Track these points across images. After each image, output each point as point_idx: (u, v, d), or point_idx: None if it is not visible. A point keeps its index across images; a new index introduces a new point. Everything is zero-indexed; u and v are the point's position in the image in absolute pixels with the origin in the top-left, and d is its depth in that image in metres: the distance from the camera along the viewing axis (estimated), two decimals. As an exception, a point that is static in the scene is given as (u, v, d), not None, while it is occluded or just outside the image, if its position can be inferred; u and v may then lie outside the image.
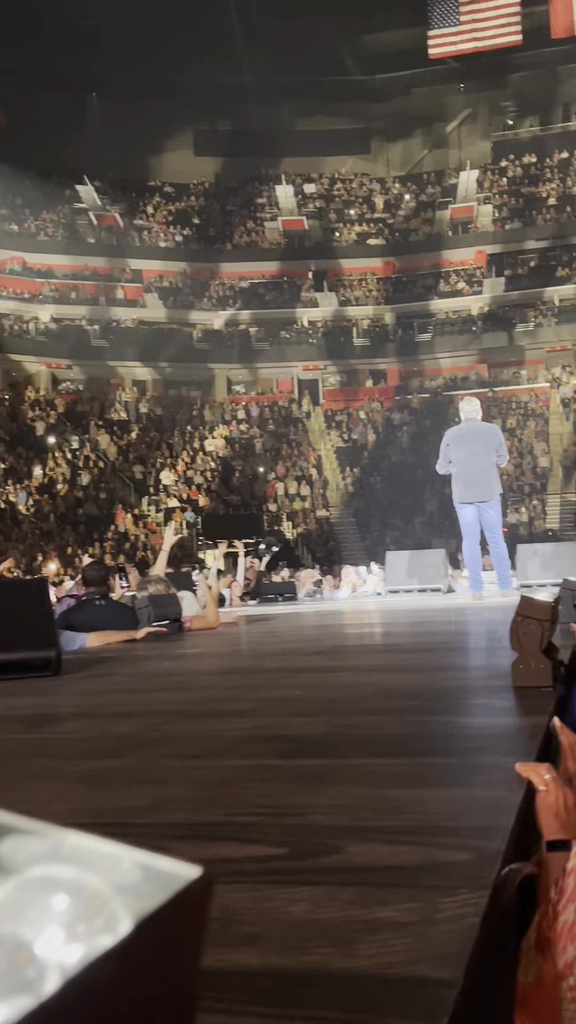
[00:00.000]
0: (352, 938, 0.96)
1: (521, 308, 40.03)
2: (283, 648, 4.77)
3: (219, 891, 1.11)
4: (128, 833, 1.38)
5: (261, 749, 1.96)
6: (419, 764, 1.75)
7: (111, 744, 2.15)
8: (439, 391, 39.02)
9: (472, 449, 9.29)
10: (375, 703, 2.58)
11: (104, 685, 3.41)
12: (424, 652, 4.07)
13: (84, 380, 39.80)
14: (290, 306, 42.02)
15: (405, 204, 44.98)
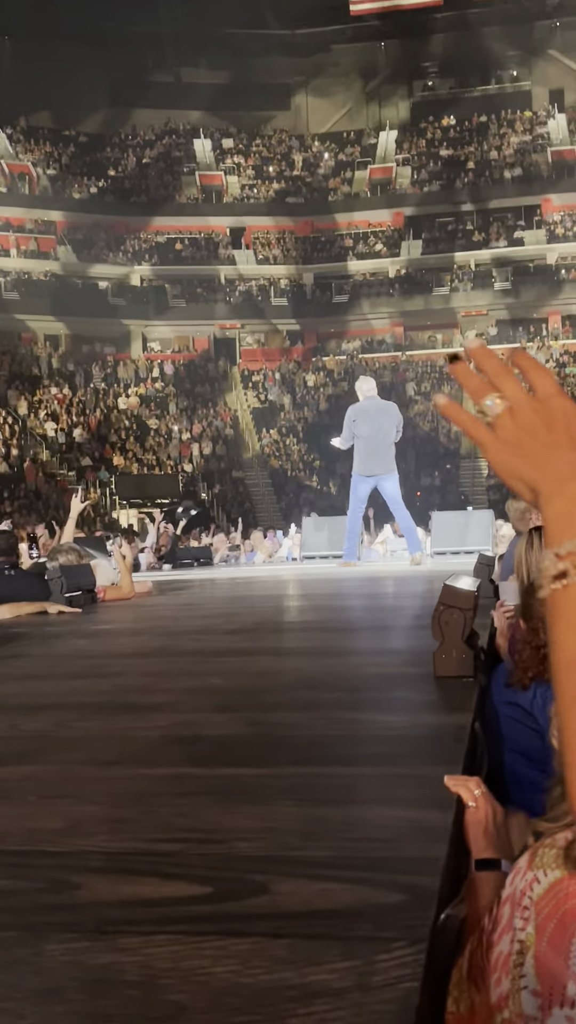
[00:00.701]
0: (284, 1010, 0.89)
1: (438, 272, 40.20)
2: (199, 625, 4.69)
3: (140, 945, 1.04)
4: (40, 864, 1.29)
5: (179, 754, 1.89)
6: (344, 775, 1.70)
7: (22, 746, 2.05)
8: (355, 353, 39.07)
9: (378, 424, 9.72)
10: (296, 695, 2.52)
11: (13, 669, 3.29)
12: (342, 632, 4.03)
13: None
14: (207, 263, 41.53)
15: (324, 163, 44.66)
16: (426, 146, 43.51)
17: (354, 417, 9.85)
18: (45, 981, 0.96)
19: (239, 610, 5.76)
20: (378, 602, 5.92)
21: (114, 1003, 0.91)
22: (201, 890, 1.19)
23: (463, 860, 1.46)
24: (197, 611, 5.85)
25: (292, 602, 6.57)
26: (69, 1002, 0.92)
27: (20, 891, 1.20)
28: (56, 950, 1.03)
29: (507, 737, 2.70)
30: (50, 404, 34.93)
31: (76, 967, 0.99)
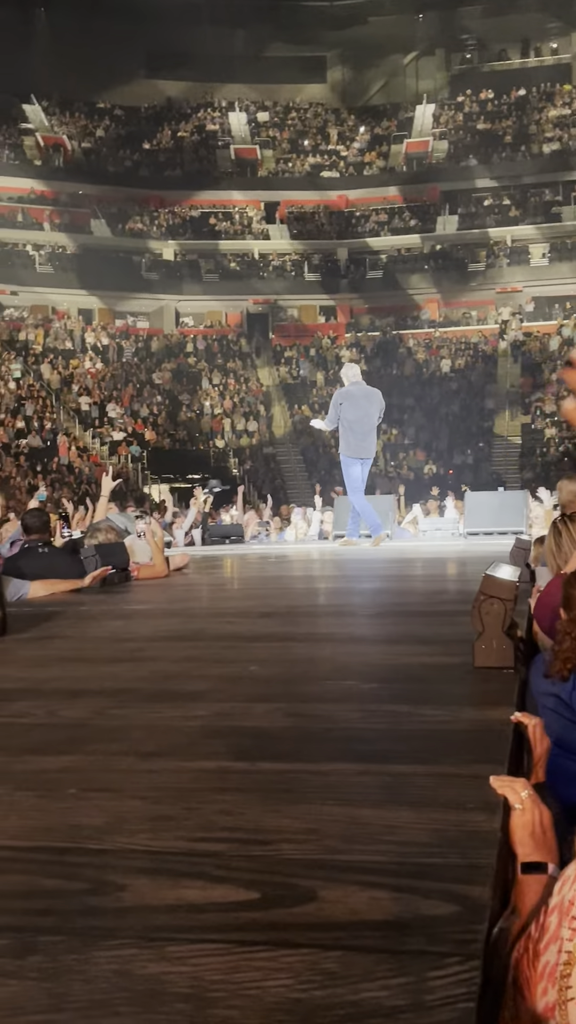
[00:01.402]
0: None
1: (473, 247, 39.79)
2: (234, 607, 4.69)
3: (188, 954, 1.03)
4: (84, 863, 1.29)
5: (219, 747, 1.88)
6: (386, 772, 1.68)
7: (61, 735, 2.05)
8: (388, 329, 38.82)
9: (364, 409, 10.13)
10: (333, 686, 2.50)
11: (51, 652, 3.30)
12: (376, 617, 4.01)
13: (28, 307, 38.92)
14: (241, 237, 41.34)
15: (360, 136, 44.26)
16: (463, 120, 42.99)
17: (341, 401, 10.21)
18: (93, 991, 0.95)
19: (272, 591, 5.75)
20: (411, 585, 5.90)
21: (164, 1017, 0.90)
22: (248, 895, 1.17)
23: (509, 863, 1.44)
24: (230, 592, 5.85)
25: (324, 584, 6.56)
26: (119, 1015, 0.91)
27: (65, 892, 1.19)
28: (103, 957, 1.02)
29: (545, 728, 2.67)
30: (83, 378, 35.02)
31: (124, 977, 0.98)
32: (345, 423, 10.07)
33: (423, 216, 40.99)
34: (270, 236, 41.24)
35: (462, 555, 8.41)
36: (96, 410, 33.52)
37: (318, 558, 9.19)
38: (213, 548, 11.57)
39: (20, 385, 33.59)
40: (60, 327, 37.94)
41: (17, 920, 1.11)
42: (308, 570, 8.01)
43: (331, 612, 4.47)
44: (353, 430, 10.05)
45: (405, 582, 6.14)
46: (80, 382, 34.83)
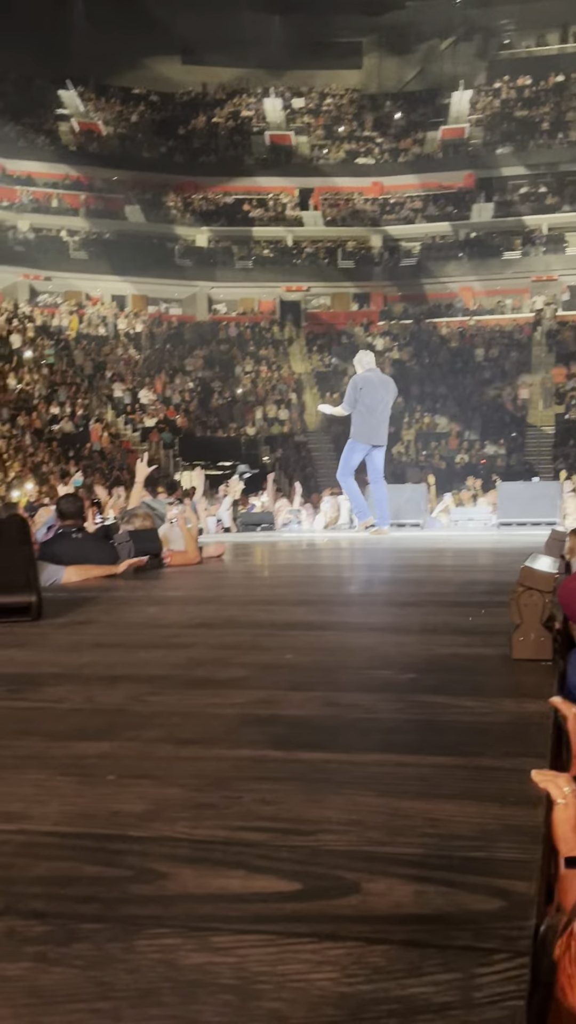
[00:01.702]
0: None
1: (509, 235, 39.49)
2: (268, 595, 4.68)
3: (233, 945, 1.02)
4: (126, 851, 1.28)
5: (258, 735, 1.87)
6: (426, 764, 1.67)
7: (99, 720, 2.05)
8: (422, 317, 38.62)
9: (380, 396, 10.10)
10: (371, 675, 2.49)
11: (86, 637, 3.31)
12: (411, 606, 3.99)
13: (62, 293, 39.06)
14: (275, 224, 41.26)
15: (395, 123, 44.00)
16: (500, 106, 42.61)
17: (361, 386, 10.18)
18: (139, 980, 0.95)
19: (305, 579, 5.75)
20: (444, 575, 5.87)
21: (211, 1009, 0.90)
22: (291, 886, 1.16)
23: (552, 859, 1.43)
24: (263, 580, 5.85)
25: (357, 572, 6.54)
26: (164, 1005, 0.90)
27: (108, 879, 1.19)
28: (148, 947, 1.01)
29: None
30: (116, 365, 35.11)
31: (169, 967, 0.97)
32: (363, 408, 10.06)
33: (458, 203, 40.71)
34: (304, 223, 41.13)
35: (495, 546, 8.37)
36: (128, 396, 33.62)
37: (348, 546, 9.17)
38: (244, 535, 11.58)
39: (53, 371, 33.75)
40: (94, 313, 38.05)
41: (61, 907, 1.11)
42: (340, 558, 8.00)
43: (365, 601, 4.45)
44: (370, 415, 10.05)
45: (438, 572, 6.11)
46: (113, 368, 34.94)
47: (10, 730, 1.97)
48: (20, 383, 32.10)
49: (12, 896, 1.14)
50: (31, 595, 3.54)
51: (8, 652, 2.98)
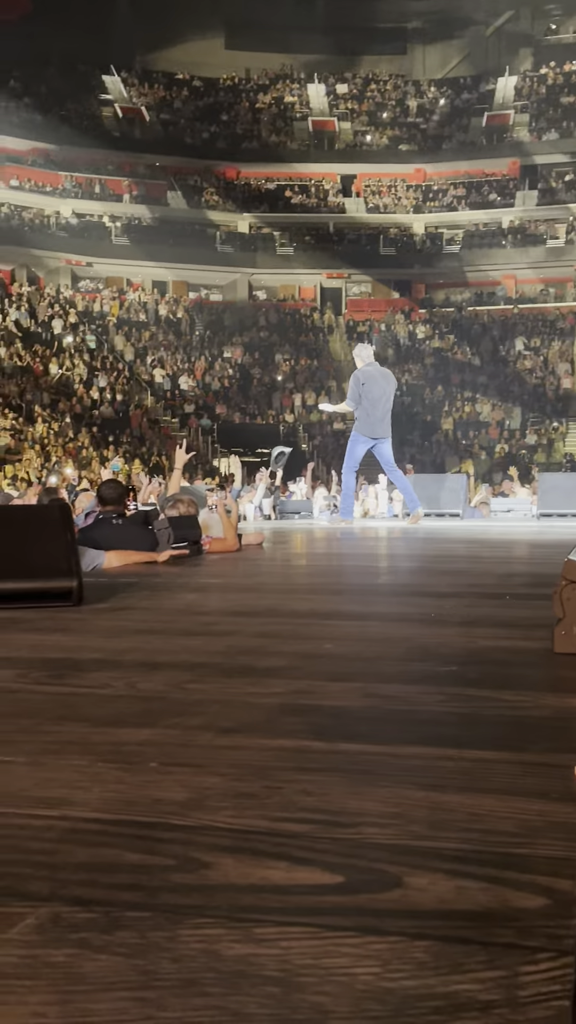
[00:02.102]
0: (430, 1022, 0.86)
1: (553, 223, 39.09)
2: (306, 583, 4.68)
3: (276, 936, 1.02)
4: (168, 840, 1.29)
5: (298, 725, 1.87)
6: (467, 758, 1.66)
7: (139, 707, 2.06)
8: (464, 305, 38.36)
9: (382, 389, 10.22)
10: (411, 667, 2.48)
11: (127, 623, 3.32)
12: (451, 597, 3.97)
13: (103, 279, 39.22)
14: (316, 210, 41.13)
15: (440, 109, 43.66)
16: (546, 93, 42.14)
17: (363, 380, 10.24)
18: (182, 970, 0.95)
19: (343, 569, 5.74)
20: (484, 566, 5.83)
21: (255, 1000, 0.90)
22: (333, 879, 1.16)
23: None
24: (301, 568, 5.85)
25: (395, 562, 6.52)
26: (208, 996, 0.90)
27: (150, 867, 1.20)
28: (191, 936, 1.02)
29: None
30: (156, 350, 35.22)
31: (212, 957, 0.98)
32: (367, 402, 10.14)
33: (502, 190, 40.38)
34: (346, 209, 40.98)
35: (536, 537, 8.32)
36: (168, 382, 33.72)
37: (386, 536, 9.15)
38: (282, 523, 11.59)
39: (95, 356, 33.91)
40: (135, 299, 38.18)
41: (104, 894, 1.12)
42: (377, 548, 7.98)
43: (404, 591, 4.44)
44: (373, 409, 10.12)
45: (477, 563, 6.08)
46: (153, 354, 35.05)
47: (52, 715, 1.98)
48: (61, 368, 32.30)
49: (56, 882, 1.15)
50: (72, 580, 3.56)
51: (51, 637, 3.00)
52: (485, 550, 7.20)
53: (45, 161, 39.79)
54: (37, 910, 1.08)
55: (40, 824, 1.34)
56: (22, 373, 31.25)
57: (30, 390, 30.31)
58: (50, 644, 2.90)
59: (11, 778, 1.55)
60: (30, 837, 1.29)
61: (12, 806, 1.41)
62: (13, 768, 1.60)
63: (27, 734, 1.83)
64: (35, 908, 1.08)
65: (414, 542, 7.91)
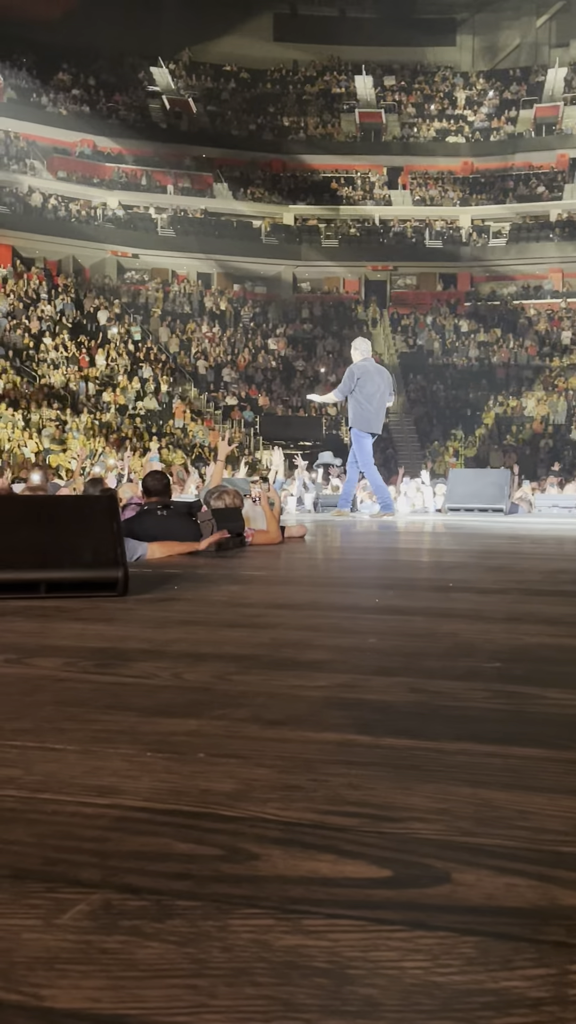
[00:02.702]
0: (480, 1017, 0.87)
1: (601, 217, 38.69)
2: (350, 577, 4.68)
3: (325, 928, 1.03)
4: (217, 830, 1.30)
5: (343, 719, 1.88)
6: (514, 755, 1.66)
7: (186, 698, 2.08)
8: (510, 299, 38.09)
9: (378, 385, 10.31)
10: (456, 663, 2.48)
11: (171, 613, 3.35)
12: (495, 594, 3.96)
13: (149, 270, 39.38)
14: (363, 203, 41.00)
15: (488, 101, 43.32)
16: (597, 84, 41.70)
17: (358, 375, 10.31)
18: (233, 959, 0.96)
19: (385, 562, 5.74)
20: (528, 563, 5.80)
21: (305, 991, 0.90)
22: (380, 872, 1.17)
23: None
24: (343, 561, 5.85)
25: (438, 557, 6.50)
26: (259, 985, 0.91)
27: (200, 857, 1.21)
28: (242, 927, 1.03)
29: None
30: (200, 342, 35.32)
31: (263, 947, 0.99)
32: (362, 397, 10.19)
33: (550, 183, 39.99)
34: (392, 202, 40.80)
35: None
36: (212, 374, 33.82)
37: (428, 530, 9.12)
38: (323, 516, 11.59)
39: (139, 348, 34.08)
40: (179, 291, 38.31)
41: (155, 883, 1.13)
42: (419, 542, 7.96)
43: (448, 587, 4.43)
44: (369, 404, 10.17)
45: (521, 559, 6.05)
46: (197, 346, 35.16)
47: (101, 704, 2.00)
48: (106, 359, 32.50)
49: (107, 870, 1.16)
50: (119, 570, 3.59)
51: (96, 627, 3.03)
52: (528, 547, 7.15)
53: (92, 153, 39.99)
54: (89, 896, 1.09)
55: (91, 812, 1.36)
56: (68, 363, 31.48)
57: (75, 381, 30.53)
58: (96, 633, 2.93)
59: (62, 766, 1.57)
60: (81, 824, 1.31)
61: (64, 793, 1.43)
62: (65, 756, 1.63)
63: (76, 722, 1.85)
64: (87, 895, 1.10)
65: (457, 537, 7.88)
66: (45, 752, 1.65)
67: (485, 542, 7.23)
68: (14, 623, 3.08)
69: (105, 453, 25.99)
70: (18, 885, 1.12)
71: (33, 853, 1.21)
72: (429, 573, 5.23)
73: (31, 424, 26.31)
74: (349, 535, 8.39)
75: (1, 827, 1.30)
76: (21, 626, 3.03)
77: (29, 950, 0.97)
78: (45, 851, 1.22)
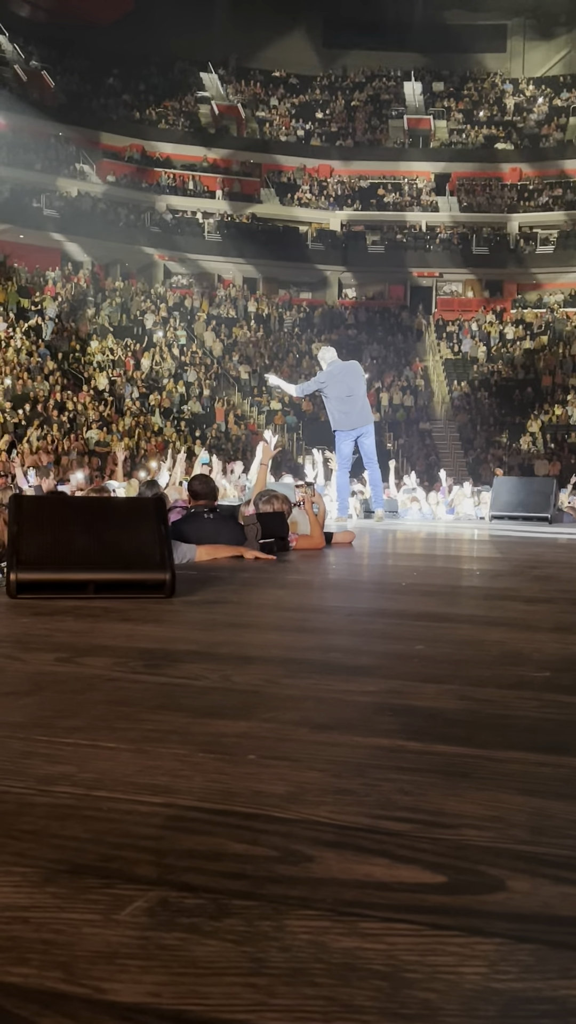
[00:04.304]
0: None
1: None
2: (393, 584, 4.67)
3: (382, 932, 1.03)
4: (271, 831, 1.31)
5: (393, 725, 1.88)
6: (566, 765, 1.65)
7: (235, 700, 2.09)
8: (557, 307, 37.81)
9: (344, 383, 10.31)
10: (504, 671, 2.47)
11: (218, 616, 3.36)
12: (541, 603, 3.93)
13: (195, 274, 39.56)
14: (409, 209, 40.90)
15: (538, 108, 43.06)
16: None
17: (323, 380, 10.50)
18: (291, 959, 0.97)
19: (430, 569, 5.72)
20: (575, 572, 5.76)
21: (364, 993, 0.91)
22: (435, 878, 1.17)
23: None
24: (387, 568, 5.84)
25: (482, 564, 6.47)
26: (318, 986, 0.92)
27: (255, 858, 1.22)
28: (298, 927, 1.03)
29: None
30: (244, 347, 35.41)
31: (320, 948, 0.99)
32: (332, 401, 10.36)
33: (600, 191, 39.69)
34: (439, 208, 40.67)
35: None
36: (255, 379, 33.89)
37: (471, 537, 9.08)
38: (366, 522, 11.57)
39: (184, 352, 34.24)
40: (224, 295, 38.44)
41: (211, 881, 1.14)
42: (462, 549, 7.93)
43: (493, 595, 4.41)
44: (342, 403, 10.28)
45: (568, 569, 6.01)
46: (241, 351, 35.25)
47: (151, 704, 2.02)
48: (152, 362, 32.69)
49: (164, 867, 1.18)
50: (166, 572, 3.62)
51: (145, 628, 3.05)
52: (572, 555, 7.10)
53: (141, 157, 40.29)
54: (147, 893, 1.10)
55: (145, 810, 1.37)
56: (114, 366, 31.72)
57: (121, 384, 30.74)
58: (144, 634, 2.95)
59: (116, 764, 1.59)
60: (136, 823, 1.32)
61: (119, 791, 1.45)
62: (118, 754, 1.64)
63: (128, 722, 1.87)
64: (144, 892, 1.11)
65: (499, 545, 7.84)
66: (98, 750, 1.67)
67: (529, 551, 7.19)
68: (64, 622, 3.12)
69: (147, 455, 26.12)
70: (76, 880, 1.14)
71: (90, 849, 1.23)
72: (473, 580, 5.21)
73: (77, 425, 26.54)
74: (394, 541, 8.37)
75: (57, 823, 1.32)
76: (71, 625, 3.06)
77: (90, 944, 0.99)
78: (102, 848, 1.24)
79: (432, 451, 31.87)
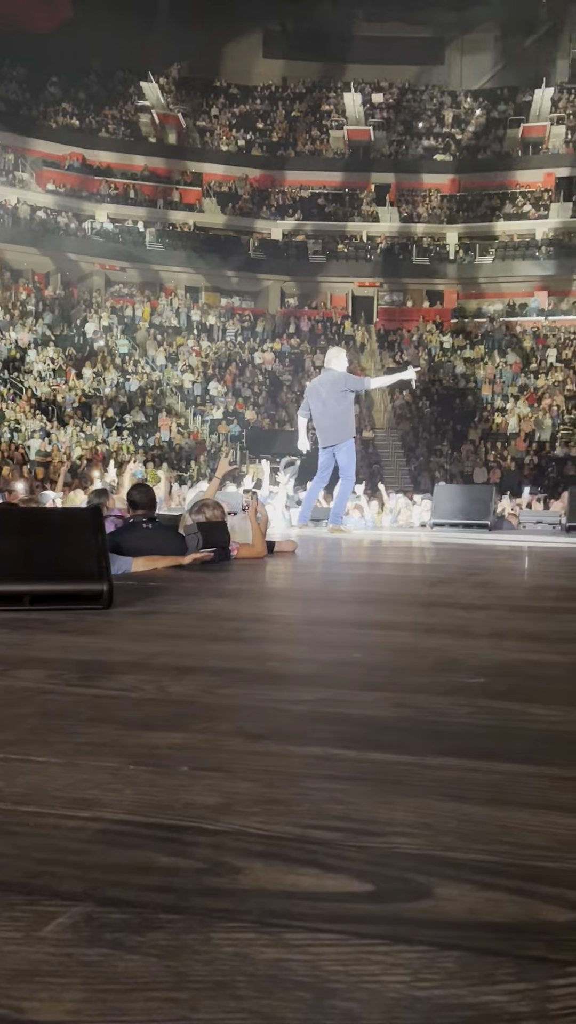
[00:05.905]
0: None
1: (589, 235, 38.93)
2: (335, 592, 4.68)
3: (307, 942, 1.03)
4: (200, 843, 1.30)
5: (327, 733, 1.88)
6: (497, 771, 1.66)
7: (170, 711, 2.08)
8: (496, 316, 38.26)
9: (322, 399, 10.52)
10: (440, 678, 2.48)
11: (155, 627, 3.34)
12: (482, 610, 3.97)
13: (137, 283, 39.40)
14: (350, 219, 41.16)
15: (475, 120, 43.60)
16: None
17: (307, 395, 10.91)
18: (214, 972, 0.96)
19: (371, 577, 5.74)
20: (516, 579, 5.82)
21: (287, 1004, 0.91)
22: (362, 887, 1.17)
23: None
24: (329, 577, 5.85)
25: (426, 572, 6.51)
26: (241, 999, 0.91)
27: (182, 870, 1.21)
28: (223, 940, 1.03)
29: None
30: (187, 356, 35.34)
31: (244, 960, 0.99)
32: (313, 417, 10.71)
33: (536, 202, 40.26)
34: (379, 218, 40.97)
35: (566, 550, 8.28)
36: (199, 388, 33.83)
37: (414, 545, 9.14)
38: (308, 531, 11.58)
39: (126, 361, 34.07)
40: (167, 304, 38.34)
41: (137, 895, 1.13)
42: (405, 557, 7.97)
43: (433, 602, 4.43)
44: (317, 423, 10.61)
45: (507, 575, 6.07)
46: (184, 360, 35.17)
47: (84, 717, 2.00)
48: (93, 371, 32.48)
49: (89, 882, 1.16)
50: (103, 584, 3.59)
51: (80, 639, 3.03)
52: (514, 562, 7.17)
53: (81, 166, 40.06)
54: (70, 909, 1.09)
55: (73, 824, 1.36)
56: (54, 376, 31.45)
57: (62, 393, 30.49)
58: (80, 646, 2.92)
59: (45, 778, 1.57)
60: (63, 837, 1.31)
61: (46, 806, 1.43)
62: (48, 768, 1.62)
63: (60, 735, 1.85)
64: (68, 907, 1.09)
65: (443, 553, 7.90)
66: (28, 764, 1.65)
67: (468, 557, 7.25)
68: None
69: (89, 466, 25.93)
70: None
71: (14, 865, 1.21)
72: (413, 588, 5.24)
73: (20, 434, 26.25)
74: (336, 550, 8.40)
75: (-18, 839, 1.30)
76: (5, 638, 3.03)
77: (9, 963, 0.97)
78: (27, 863, 1.22)
79: (375, 459, 32.04)
